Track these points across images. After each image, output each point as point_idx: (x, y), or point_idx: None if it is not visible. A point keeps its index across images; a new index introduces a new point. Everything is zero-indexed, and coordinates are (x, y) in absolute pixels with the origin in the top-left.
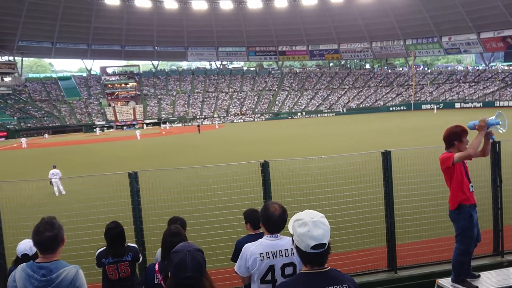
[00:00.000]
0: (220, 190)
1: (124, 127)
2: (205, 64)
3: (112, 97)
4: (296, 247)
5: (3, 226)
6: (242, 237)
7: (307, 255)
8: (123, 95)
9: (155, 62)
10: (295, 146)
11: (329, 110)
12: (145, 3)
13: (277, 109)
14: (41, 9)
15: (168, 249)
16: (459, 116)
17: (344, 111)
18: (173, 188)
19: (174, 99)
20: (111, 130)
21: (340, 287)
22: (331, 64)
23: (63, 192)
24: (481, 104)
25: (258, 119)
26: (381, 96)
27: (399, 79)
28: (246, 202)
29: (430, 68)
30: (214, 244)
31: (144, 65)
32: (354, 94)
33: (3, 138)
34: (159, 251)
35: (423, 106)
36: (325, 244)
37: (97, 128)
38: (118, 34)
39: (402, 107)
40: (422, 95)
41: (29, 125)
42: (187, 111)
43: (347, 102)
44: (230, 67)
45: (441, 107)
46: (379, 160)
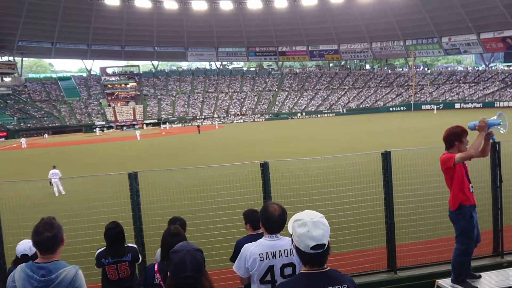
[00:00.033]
0: (220, 191)
1: (124, 128)
2: (205, 65)
3: (112, 98)
4: (296, 248)
5: (3, 226)
6: (242, 238)
7: (307, 256)
8: (123, 96)
9: (155, 63)
10: (295, 147)
11: (329, 111)
12: (145, 4)
13: (277, 110)
14: (41, 9)
15: (168, 249)
16: (459, 117)
17: (344, 112)
18: (173, 188)
19: (174, 100)
20: (111, 131)
21: None
22: (331, 65)
23: (63, 192)
24: (481, 105)
25: (258, 120)
26: (381, 97)
27: (399, 80)
28: (246, 203)
29: (430, 69)
30: (214, 245)
31: (144, 66)
32: (354, 95)
33: (3, 138)
34: (159, 251)
35: (423, 107)
36: (325, 245)
37: (97, 129)
38: (118, 35)
39: (402, 108)
40: (422, 96)
41: (29, 125)
42: (187, 112)
43: (347, 103)
44: (230, 68)
45: (441, 108)
46: (379, 161)
